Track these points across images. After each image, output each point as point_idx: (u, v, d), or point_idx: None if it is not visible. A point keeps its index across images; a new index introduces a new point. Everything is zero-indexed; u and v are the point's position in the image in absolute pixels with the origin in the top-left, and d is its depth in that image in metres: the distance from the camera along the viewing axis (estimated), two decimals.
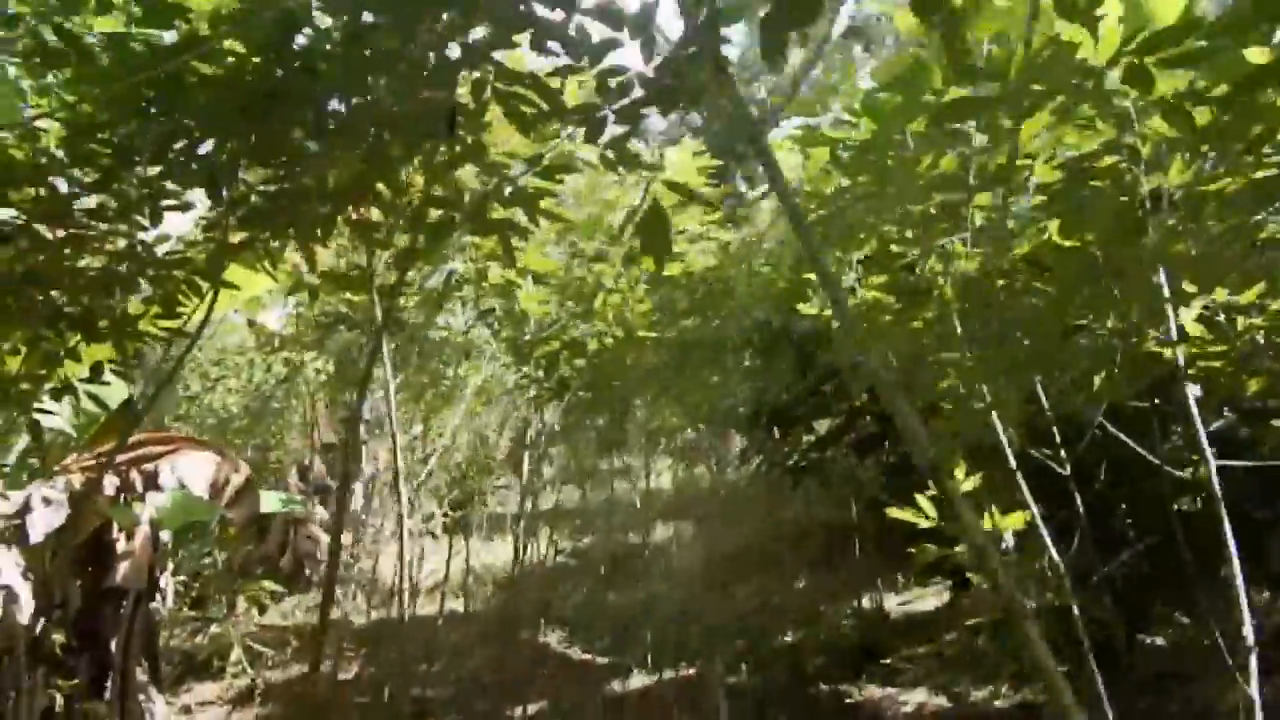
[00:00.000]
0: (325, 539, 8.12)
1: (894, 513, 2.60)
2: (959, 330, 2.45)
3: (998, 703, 4.96)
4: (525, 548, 8.15)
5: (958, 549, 2.81)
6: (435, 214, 2.40)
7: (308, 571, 8.19)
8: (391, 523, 8.87)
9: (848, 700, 5.01)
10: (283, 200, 2.18)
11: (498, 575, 8.60)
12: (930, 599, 7.10)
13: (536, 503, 12.63)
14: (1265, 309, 2.55)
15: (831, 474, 7.69)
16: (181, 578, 6.29)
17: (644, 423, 6.25)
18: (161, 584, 3.69)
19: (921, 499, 2.56)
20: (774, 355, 4.15)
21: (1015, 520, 2.52)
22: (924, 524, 2.57)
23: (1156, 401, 3.16)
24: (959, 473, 2.52)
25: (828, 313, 3.32)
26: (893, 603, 6.82)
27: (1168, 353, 2.64)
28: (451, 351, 4.49)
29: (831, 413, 4.50)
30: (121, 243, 2.34)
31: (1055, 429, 2.69)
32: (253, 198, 2.21)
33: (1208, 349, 2.66)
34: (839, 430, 4.57)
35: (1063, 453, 2.68)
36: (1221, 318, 2.69)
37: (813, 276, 3.31)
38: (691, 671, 5.60)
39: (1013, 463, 2.54)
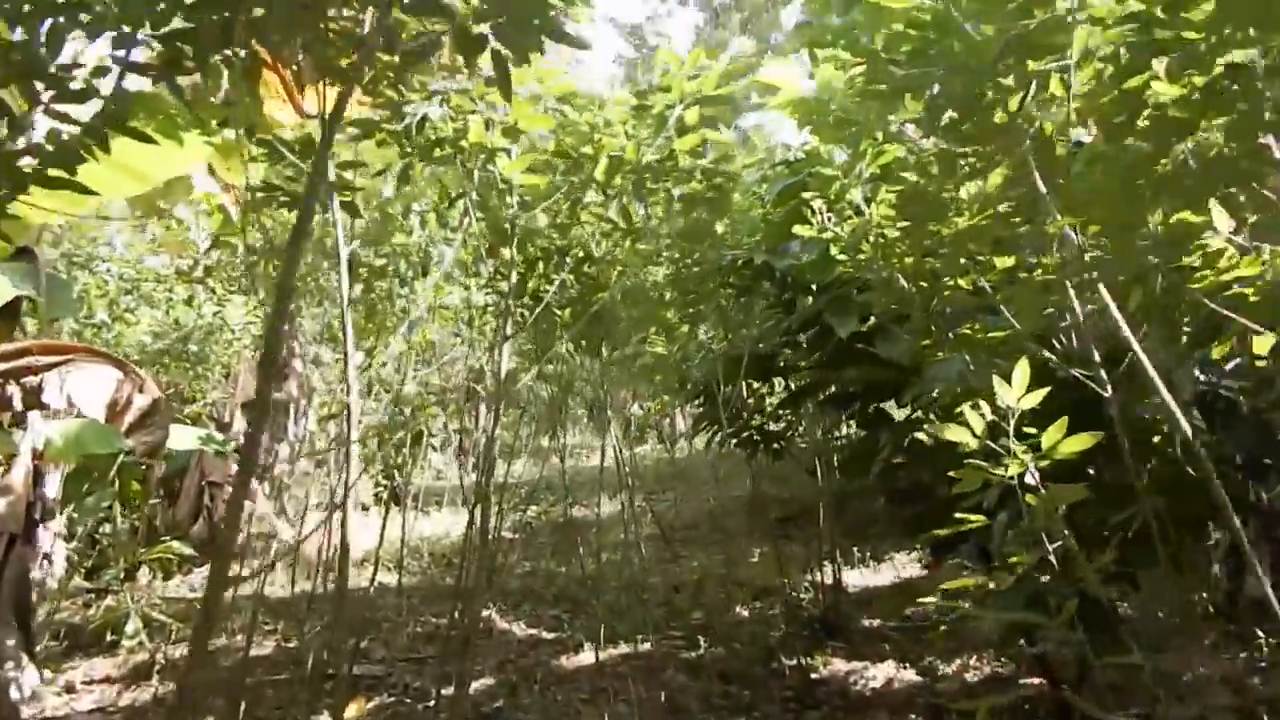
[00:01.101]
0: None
1: (946, 432, 2.24)
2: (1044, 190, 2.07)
3: (968, 676, 4.70)
4: (472, 519, 7.73)
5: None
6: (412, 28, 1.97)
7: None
8: (318, 492, 8.40)
9: (812, 675, 4.70)
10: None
11: (438, 548, 8.15)
12: (886, 573, 6.86)
13: (486, 472, 12.25)
14: None
15: (790, 443, 7.42)
16: (75, 545, 5.73)
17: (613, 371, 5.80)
18: (44, 538, 3.14)
19: (971, 413, 2.21)
20: (752, 296, 3.79)
21: (1084, 441, 2.18)
22: (971, 444, 2.21)
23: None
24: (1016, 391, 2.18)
25: (827, 235, 2.96)
26: (851, 576, 6.56)
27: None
28: (407, 262, 3.99)
29: (807, 365, 4.15)
30: None
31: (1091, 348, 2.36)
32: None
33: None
34: (811, 386, 4.22)
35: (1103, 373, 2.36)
36: None
37: (812, 202, 2.95)
38: (647, 646, 5.24)
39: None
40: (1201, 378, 3.28)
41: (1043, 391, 2.14)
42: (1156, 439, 2.97)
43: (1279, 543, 4.11)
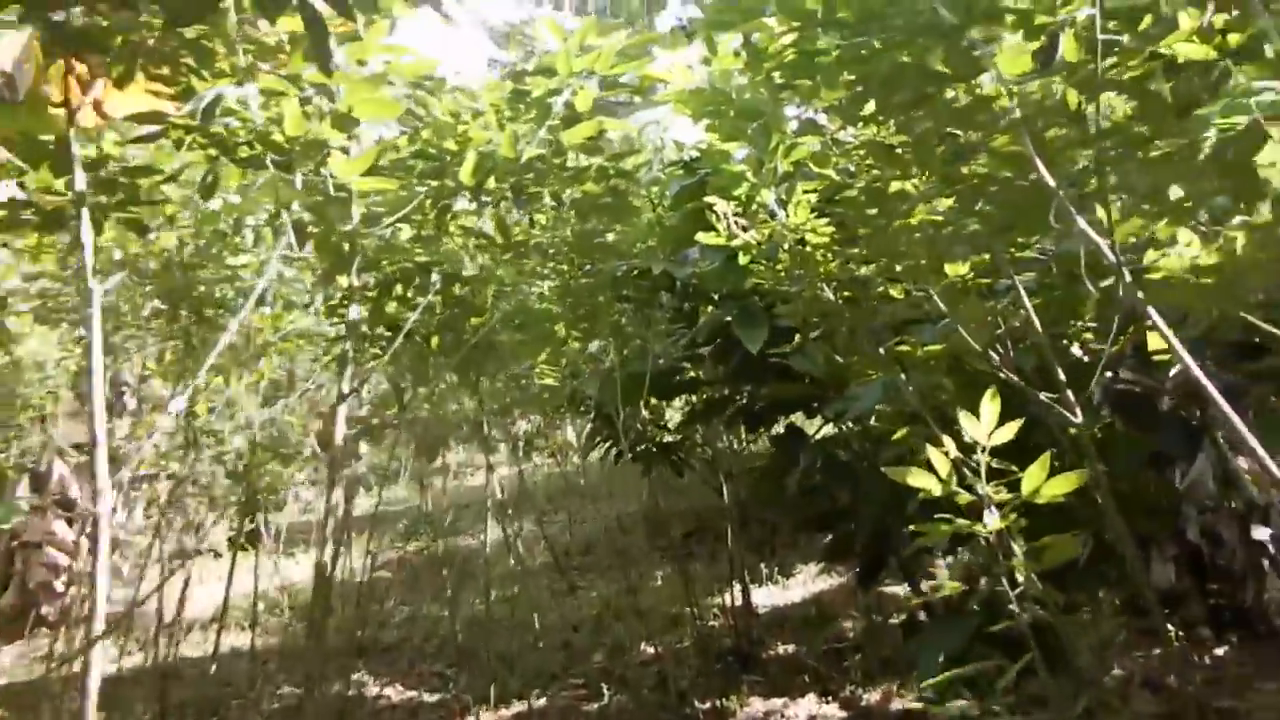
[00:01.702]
0: (68, 564, 6.75)
1: (911, 478, 1.83)
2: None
3: (893, 705, 4.39)
4: (336, 560, 7.07)
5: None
6: None
7: (44, 610, 6.70)
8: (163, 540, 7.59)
9: (730, 719, 4.30)
10: None
11: (300, 598, 7.42)
12: (795, 589, 6.55)
13: (349, 505, 11.47)
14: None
15: (690, 458, 7.04)
16: None
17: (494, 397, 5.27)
18: None
19: (936, 454, 1.81)
20: (651, 309, 3.36)
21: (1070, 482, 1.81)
22: (935, 490, 1.82)
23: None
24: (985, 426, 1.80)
25: (736, 242, 2.55)
26: (759, 596, 6.21)
27: None
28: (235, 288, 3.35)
29: (711, 380, 3.75)
30: None
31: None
32: None
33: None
34: (717, 402, 3.83)
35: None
36: None
37: (715, 205, 2.52)
38: (543, 701, 4.75)
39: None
40: (1128, 376, 3.03)
41: (1016, 425, 1.78)
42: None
43: (1184, 536, 3.95)
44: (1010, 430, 1.78)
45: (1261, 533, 3.09)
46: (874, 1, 1.45)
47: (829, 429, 4.18)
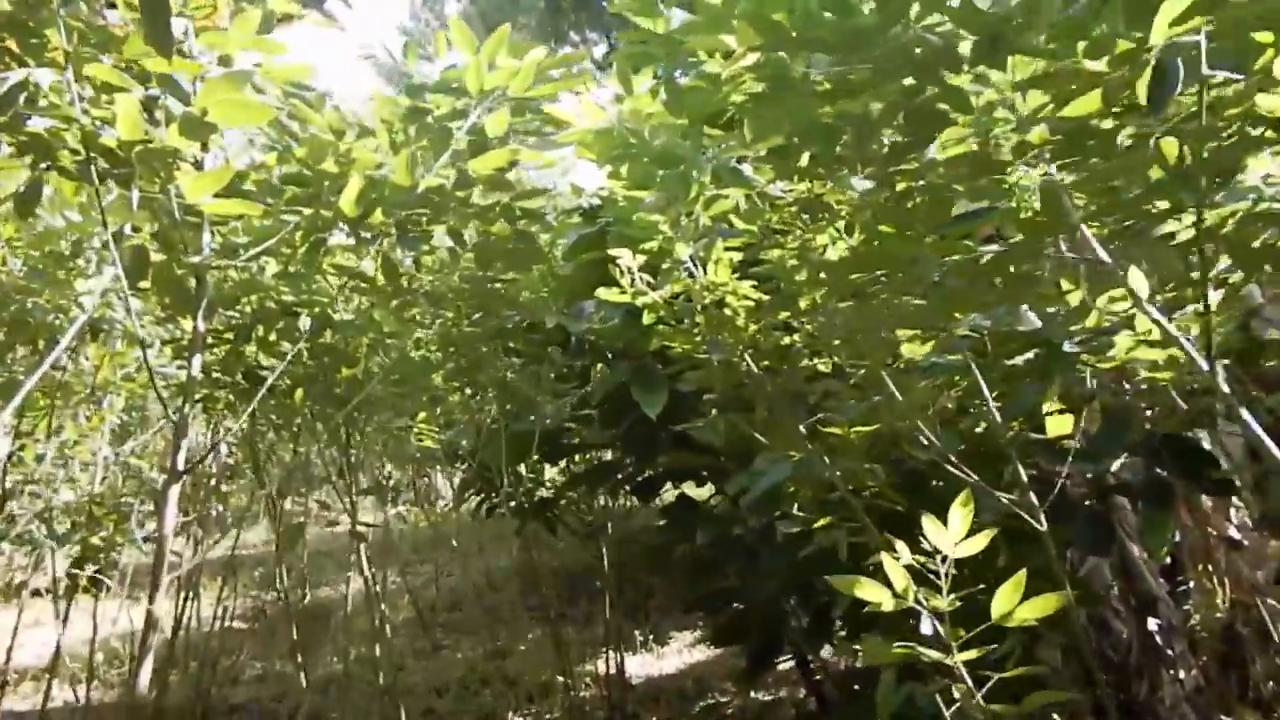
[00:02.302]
0: None
1: (860, 590, 1.61)
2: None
3: None
4: (184, 609, 6.46)
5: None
6: None
7: None
8: None
9: None
10: None
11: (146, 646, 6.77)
12: (673, 659, 6.31)
13: (203, 549, 10.68)
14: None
15: (565, 515, 6.78)
16: None
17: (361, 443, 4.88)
18: None
19: (891, 563, 1.60)
20: (540, 364, 3.10)
21: (1047, 605, 1.62)
22: (887, 605, 1.60)
23: None
24: (952, 534, 1.60)
25: (643, 300, 2.33)
26: (633, 664, 5.94)
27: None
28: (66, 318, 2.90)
29: (599, 444, 3.52)
30: None
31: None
32: None
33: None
34: (605, 467, 3.60)
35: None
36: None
37: (619, 259, 2.30)
38: None
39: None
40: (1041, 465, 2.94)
41: (988, 534, 1.59)
42: None
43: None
44: (982, 540, 1.59)
45: (1152, 624, 3.02)
46: (864, 20, 1.26)
47: (720, 500, 4.01)
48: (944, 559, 1.57)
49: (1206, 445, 2.49)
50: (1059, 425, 2.37)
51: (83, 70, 1.73)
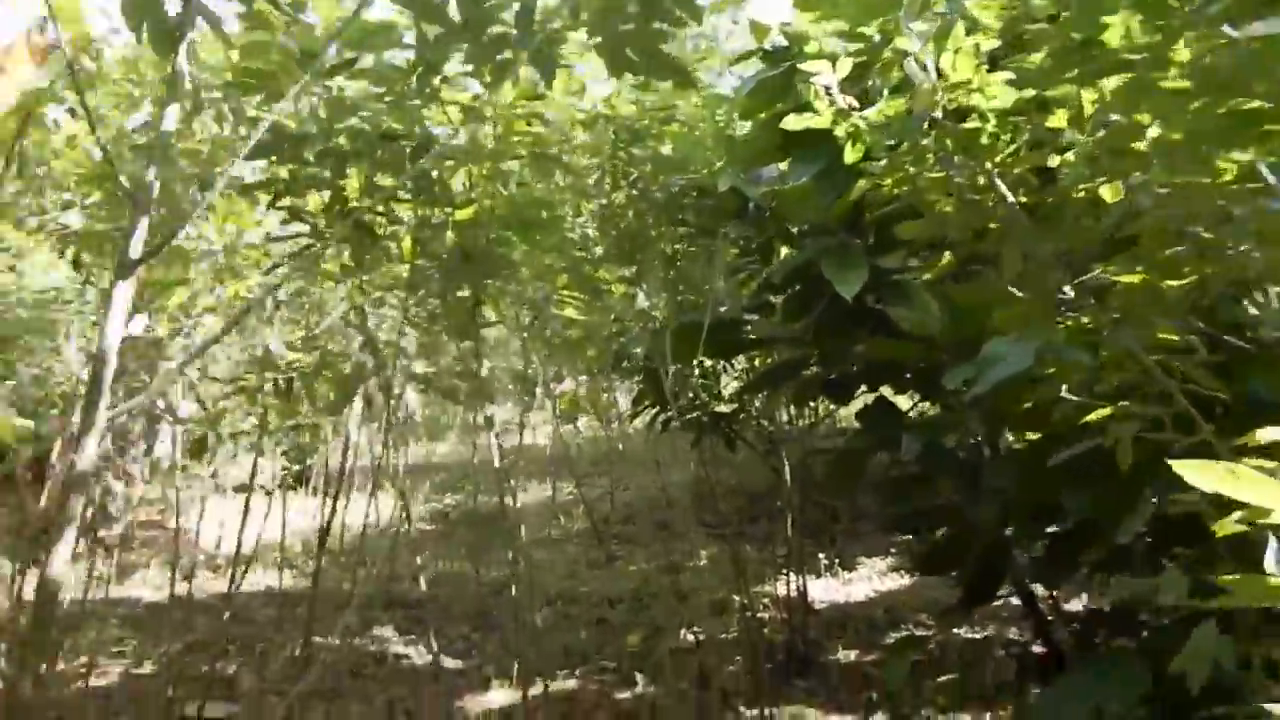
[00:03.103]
0: (123, 491, 6.43)
1: (1231, 486, 1.09)
2: None
3: None
4: (372, 508, 6.54)
5: None
6: None
7: (101, 533, 6.46)
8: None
9: None
10: None
11: (343, 542, 6.90)
12: (861, 585, 5.84)
13: (392, 454, 11.01)
14: None
15: (744, 429, 6.36)
16: None
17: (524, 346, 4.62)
18: None
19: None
20: (713, 241, 2.64)
21: None
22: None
23: None
24: None
25: (843, 129, 1.81)
26: (816, 588, 5.51)
27: None
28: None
29: (783, 337, 3.04)
30: None
31: None
32: None
33: None
34: (790, 364, 3.12)
35: None
36: None
37: (814, 74, 1.79)
38: (572, 683, 4.14)
39: None
40: None
41: None
42: None
43: None
44: None
45: None
46: None
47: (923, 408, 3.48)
48: None
49: None
50: None
51: None
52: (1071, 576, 2.56)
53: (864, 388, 3.11)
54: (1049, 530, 2.53)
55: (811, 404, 5.28)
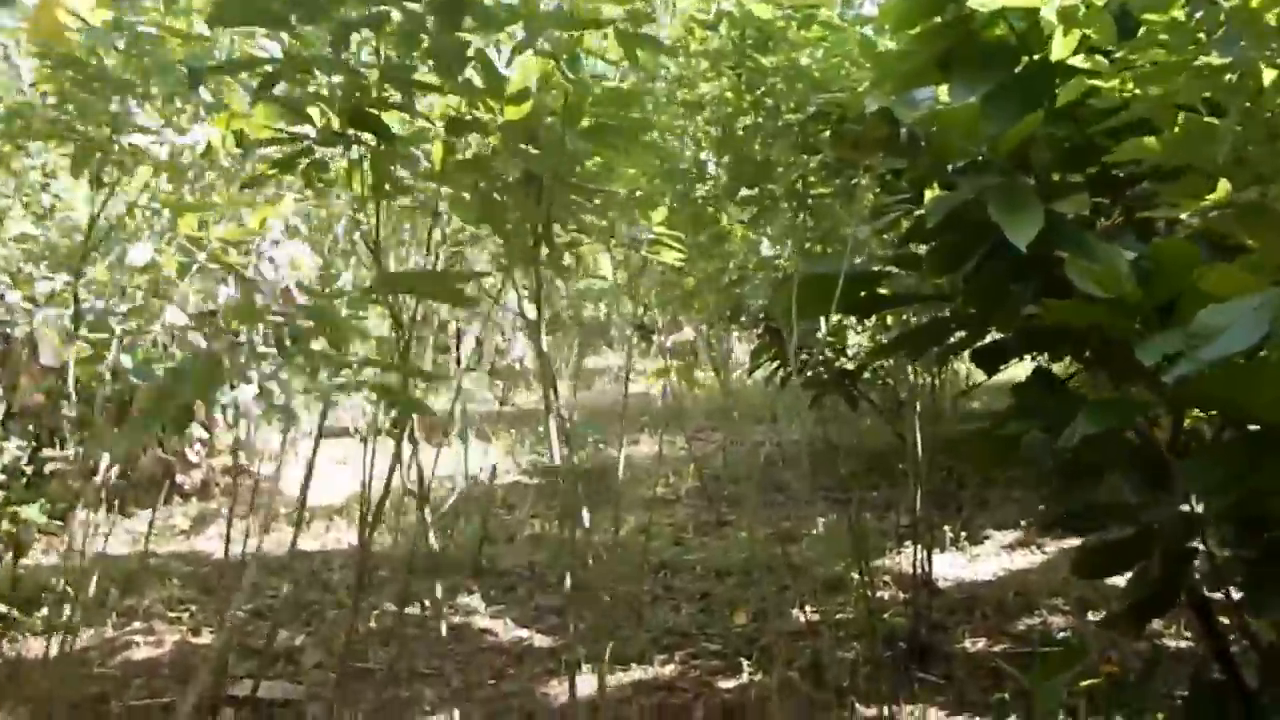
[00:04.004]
0: (201, 435, 6.38)
1: None
2: None
3: None
4: (473, 459, 6.38)
5: None
6: None
7: (179, 479, 6.43)
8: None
9: None
10: None
11: (439, 494, 6.75)
12: (988, 562, 5.36)
13: (497, 400, 10.90)
14: None
15: (869, 389, 5.94)
16: None
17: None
18: None
19: None
20: (852, 173, 2.22)
21: None
22: None
23: None
24: None
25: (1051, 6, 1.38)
26: (941, 565, 5.06)
27: None
28: None
29: (932, 295, 2.60)
30: None
31: None
32: None
33: None
34: (938, 325, 2.69)
35: None
36: None
37: None
38: (669, 669, 3.85)
39: None
40: None
41: None
42: None
43: None
44: None
45: None
46: None
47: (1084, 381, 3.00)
48: None
49: None
50: None
51: None
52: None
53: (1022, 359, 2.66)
54: (1256, 543, 2.07)
55: (947, 367, 4.80)
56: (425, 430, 8.82)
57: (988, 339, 2.58)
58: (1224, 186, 1.49)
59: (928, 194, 2.37)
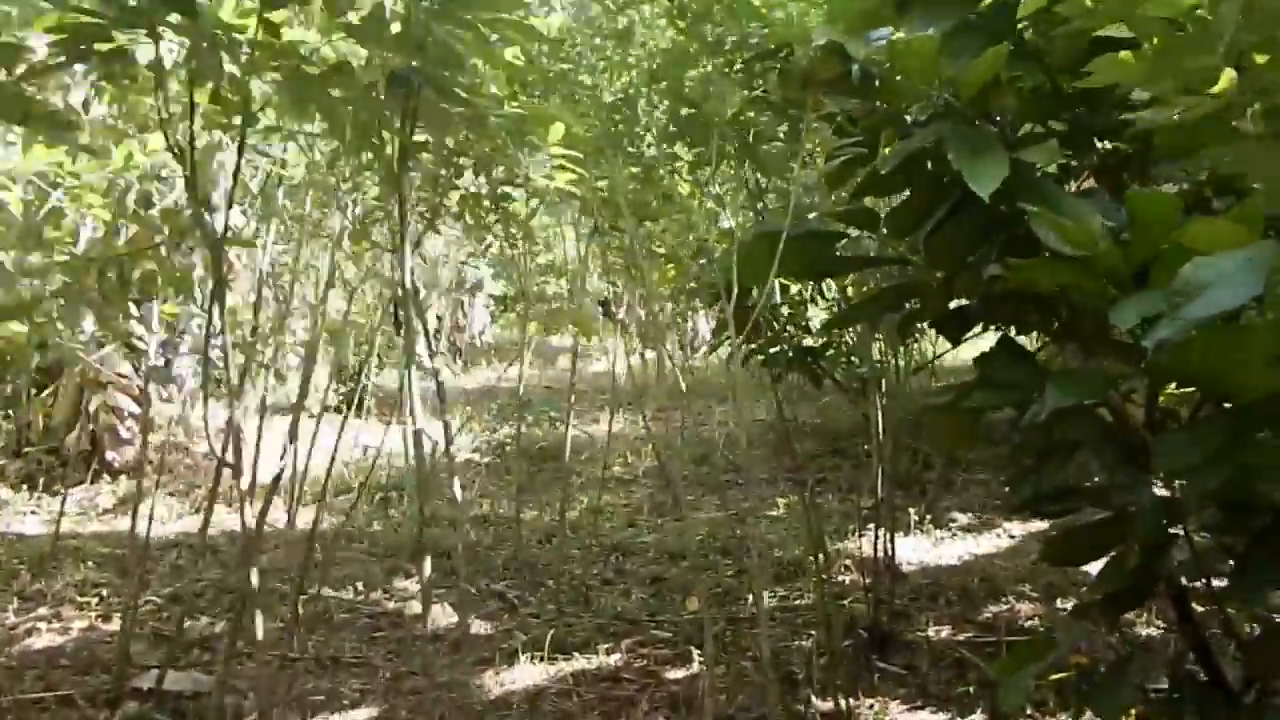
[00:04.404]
0: (133, 409, 6.05)
1: None
2: None
3: None
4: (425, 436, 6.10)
5: None
6: None
7: (109, 455, 6.11)
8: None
9: None
10: None
11: (383, 472, 6.46)
12: (953, 546, 5.19)
13: (455, 377, 10.62)
14: None
15: (833, 367, 5.73)
16: None
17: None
18: None
19: None
20: (799, 116, 1.97)
21: None
22: None
23: None
24: None
25: None
26: (904, 549, 4.87)
27: None
28: None
29: (889, 259, 2.38)
30: None
31: None
32: None
33: None
34: (895, 292, 2.47)
35: None
36: None
37: None
38: (613, 659, 3.64)
39: None
40: None
41: None
42: None
43: None
44: None
45: None
46: None
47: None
48: None
49: None
50: None
51: None
52: (1269, 586, 1.89)
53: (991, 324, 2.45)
54: (1240, 529, 1.88)
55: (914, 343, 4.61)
56: (379, 408, 8.57)
57: (951, 306, 2.37)
58: (1228, 76, 1.27)
59: (884, 149, 2.15)
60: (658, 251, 4.79)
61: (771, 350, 5.26)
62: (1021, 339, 2.58)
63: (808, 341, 5.43)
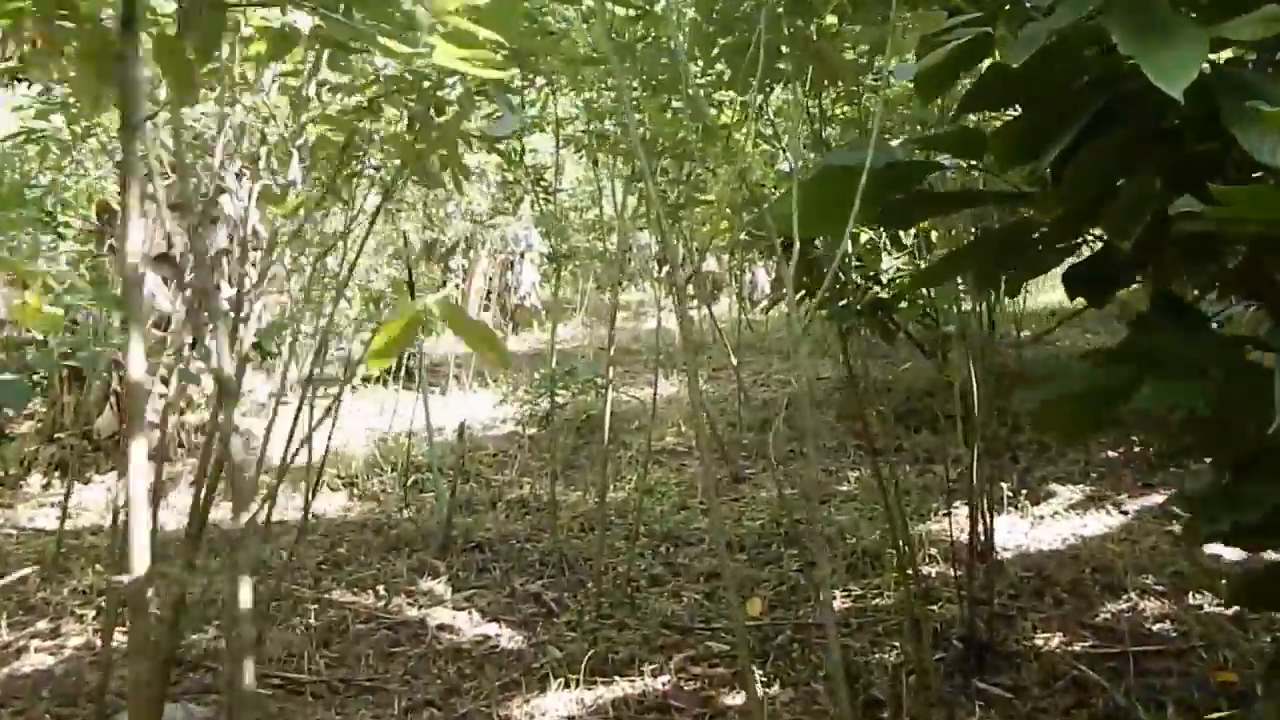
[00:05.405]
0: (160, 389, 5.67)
1: None
2: None
3: None
4: (465, 408, 5.63)
5: None
6: None
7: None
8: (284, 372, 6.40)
9: None
10: None
11: (413, 454, 5.98)
12: (1054, 526, 4.52)
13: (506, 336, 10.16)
14: None
15: (909, 318, 5.06)
16: None
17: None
18: None
19: None
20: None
21: None
22: None
23: None
24: None
25: None
26: (998, 531, 4.21)
27: None
28: None
29: (1009, 193, 1.76)
30: None
31: None
32: None
33: None
34: (1014, 232, 1.85)
35: None
36: None
37: None
38: (660, 681, 3.10)
39: None
40: None
41: None
42: None
43: None
44: None
45: None
46: None
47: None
48: None
49: None
50: None
51: None
52: None
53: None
54: None
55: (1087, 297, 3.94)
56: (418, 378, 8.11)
57: (1090, 255, 1.75)
58: None
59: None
60: (704, 199, 4.19)
61: (839, 304, 4.65)
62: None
63: (879, 293, 4.81)
